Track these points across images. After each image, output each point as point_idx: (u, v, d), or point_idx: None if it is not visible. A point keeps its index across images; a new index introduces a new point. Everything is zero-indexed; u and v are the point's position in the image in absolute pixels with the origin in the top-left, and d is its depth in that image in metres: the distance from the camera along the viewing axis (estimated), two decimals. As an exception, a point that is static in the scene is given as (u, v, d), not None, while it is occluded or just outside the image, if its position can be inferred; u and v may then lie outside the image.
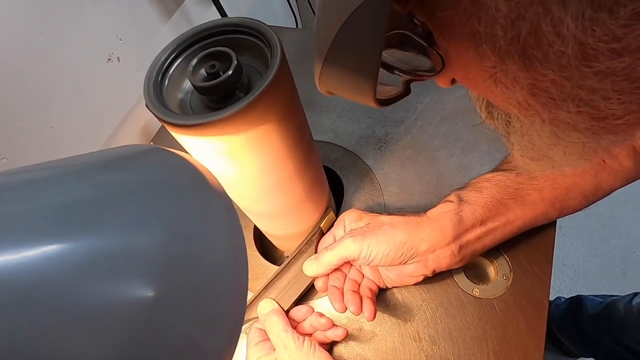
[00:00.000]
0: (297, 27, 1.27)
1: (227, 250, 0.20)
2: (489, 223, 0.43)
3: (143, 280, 0.16)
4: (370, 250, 0.41)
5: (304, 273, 0.45)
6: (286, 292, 0.46)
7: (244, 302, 0.21)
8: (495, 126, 0.28)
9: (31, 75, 0.53)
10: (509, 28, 0.17)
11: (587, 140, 0.22)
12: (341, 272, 0.46)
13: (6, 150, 0.51)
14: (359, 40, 0.20)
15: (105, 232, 0.16)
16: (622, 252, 1.32)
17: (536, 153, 0.26)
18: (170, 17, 0.75)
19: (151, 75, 0.31)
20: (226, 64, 0.29)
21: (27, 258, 0.14)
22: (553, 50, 0.16)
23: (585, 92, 0.17)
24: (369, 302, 0.42)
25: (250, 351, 0.44)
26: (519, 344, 0.43)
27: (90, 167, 0.19)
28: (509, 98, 0.20)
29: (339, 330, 0.43)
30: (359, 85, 0.23)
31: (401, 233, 0.42)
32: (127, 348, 0.15)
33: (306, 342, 0.41)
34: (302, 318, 0.45)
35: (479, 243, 0.43)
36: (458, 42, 0.20)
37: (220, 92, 0.30)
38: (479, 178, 0.46)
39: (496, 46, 0.18)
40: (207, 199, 0.21)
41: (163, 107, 0.29)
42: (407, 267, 0.43)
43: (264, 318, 0.44)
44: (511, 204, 0.43)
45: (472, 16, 0.18)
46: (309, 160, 0.38)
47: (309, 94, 0.66)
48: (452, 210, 0.43)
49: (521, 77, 0.18)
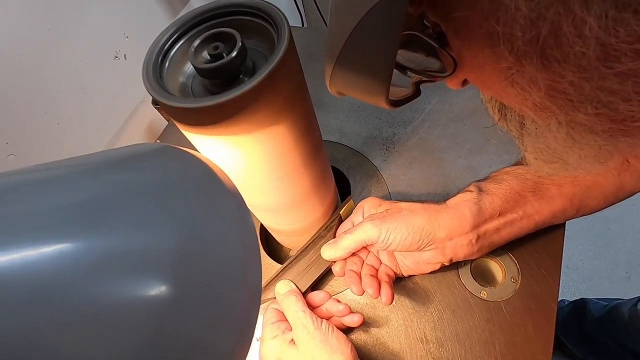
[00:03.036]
0: (303, 26, 1.26)
1: (240, 251, 0.20)
2: (508, 215, 0.43)
3: (156, 280, 0.16)
4: (388, 235, 0.42)
5: (322, 257, 0.46)
6: (303, 276, 0.46)
7: (256, 303, 0.21)
8: (508, 128, 0.27)
9: (38, 72, 0.53)
10: (529, 28, 0.16)
11: (604, 143, 0.21)
12: (359, 257, 0.46)
13: (13, 147, 0.51)
14: (374, 40, 0.20)
15: (118, 232, 0.16)
16: (626, 255, 1.31)
17: (550, 156, 0.25)
18: (177, 15, 0.75)
19: (150, 57, 0.29)
20: (230, 45, 0.28)
21: (40, 257, 0.14)
22: (573, 51, 0.16)
23: (604, 94, 0.17)
24: (386, 286, 0.42)
25: (266, 330, 0.44)
26: (527, 348, 0.43)
27: (103, 166, 0.19)
28: (524, 100, 0.20)
29: (356, 317, 0.43)
30: (371, 85, 0.23)
31: (420, 219, 0.42)
32: (141, 348, 0.15)
33: (324, 323, 0.41)
34: (319, 303, 0.45)
35: (497, 235, 0.43)
36: (473, 43, 0.20)
37: (223, 75, 0.28)
38: (499, 171, 0.46)
39: (514, 47, 0.17)
40: (220, 198, 0.21)
41: (162, 89, 0.27)
42: (424, 254, 0.43)
43: (282, 298, 0.44)
44: (530, 197, 0.43)
45: (490, 16, 0.17)
46: (316, 152, 0.38)
47: (316, 94, 0.66)
48: (471, 199, 0.43)
49: (539, 78, 0.18)
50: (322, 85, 0.25)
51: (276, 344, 0.42)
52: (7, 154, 0.51)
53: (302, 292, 0.45)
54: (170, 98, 0.27)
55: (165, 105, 0.27)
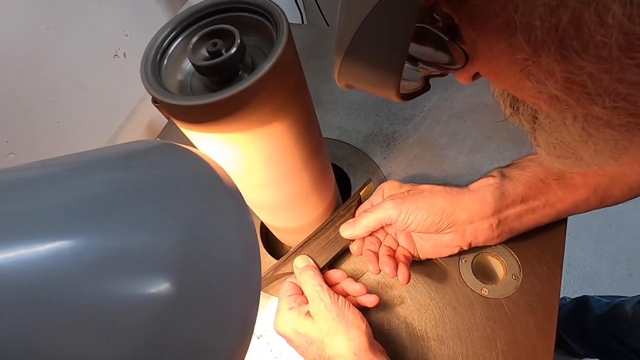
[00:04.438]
0: (303, 23, 1.26)
1: (240, 251, 0.20)
2: (530, 202, 0.42)
3: (156, 279, 0.15)
4: (408, 215, 0.41)
5: (340, 236, 0.46)
6: (321, 253, 0.46)
7: (255, 303, 0.21)
8: (520, 122, 0.27)
9: (38, 71, 0.52)
10: (548, 17, 0.16)
11: (620, 138, 0.20)
12: (376, 238, 0.46)
13: (13, 146, 0.51)
14: (386, 30, 0.19)
15: (118, 230, 0.16)
16: (628, 252, 1.31)
17: (564, 151, 0.25)
18: (176, 13, 0.75)
19: (149, 55, 0.29)
20: (229, 42, 0.28)
21: (38, 255, 0.14)
22: (594, 40, 0.15)
23: (624, 86, 0.16)
24: (403, 266, 0.42)
25: (282, 302, 0.44)
26: (529, 345, 0.43)
27: (102, 164, 0.19)
28: (539, 92, 0.19)
29: (372, 297, 0.43)
30: (382, 78, 0.22)
31: (441, 200, 0.41)
32: (142, 348, 0.15)
33: (341, 299, 0.41)
34: (336, 282, 0.45)
35: (518, 221, 0.43)
36: (489, 34, 0.19)
37: (222, 72, 0.28)
38: (523, 158, 0.46)
39: (531, 37, 0.17)
40: (220, 196, 0.21)
41: (161, 87, 0.27)
42: (444, 237, 0.43)
43: (300, 272, 0.44)
44: (553, 184, 0.42)
45: (507, 4, 0.17)
46: (317, 150, 0.37)
47: (315, 92, 0.66)
48: (493, 184, 0.42)
49: (556, 69, 0.17)
50: (322, 82, 0.25)
51: (292, 315, 0.42)
52: (7, 153, 0.51)
53: (320, 268, 0.45)
54: (169, 96, 0.26)
55: (164, 103, 0.27)
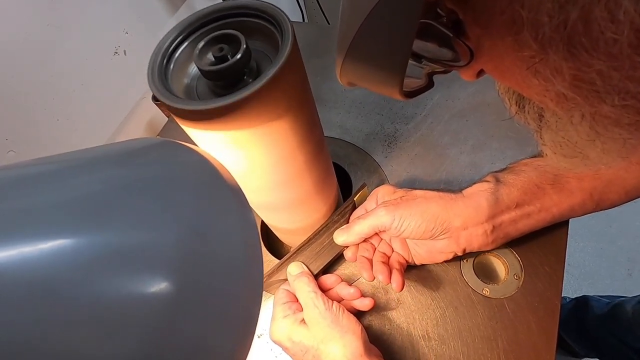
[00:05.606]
0: (304, 21, 1.26)
1: (242, 249, 0.20)
2: (525, 207, 0.42)
3: (158, 276, 0.15)
4: (402, 221, 0.41)
5: (334, 242, 0.46)
6: (315, 259, 0.46)
7: (258, 302, 0.21)
8: (526, 121, 0.26)
9: (38, 68, 0.52)
10: (557, 13, 0.15)
11: (628, 137, 0.20)
12: (371, 244, 0.46)
13: (13, 143, 0.51)
14: (389, 27, 0.19)
15: (119, 228, 0.15)
16: (628, 252, 1.31)
17: (570, 150, 0.24)
18: (177, 11, 0.74)
19: (156, 59, 0.29)
20: (235, 47, 0.28)
21: (39, 252, 0.14)
22: (604, 37, 0.15)
23: (634, 84, 0.16)
24: (397, 273, 0.42)
25: (277, 309, 0.44)
26: (530, 345, 0.42)
27: (103, 161, 0.18)
28: (546, 90, 0.19)
29: (366, 300, 0.43)
30: (385, 76, 0.22)
31: (435, 206, 0.41)
32: (144, 346, 0.15)
33: (335, 304, 0.41)
34: (330, 287, 0.45)
35: (513, 227, 0.42)
36: (494, 30, 0.18)
37: (227, 77, 0.28)
38: (518, 162, 0.45)
39: (539, 33, 0.16)
40: (222, 194, 0.20)
41: (167, 91, 0.28)
42: (438, 243, 0.43)
43: (294, 279, 0.44)
44: (549, 189, 0.42)
45: (514, 0, 0.16)
46: (319, 151, 0.37)
47: (317, 90, 0.66)
48: (488, 189, 0.42)
49: (564, 67, 0.17)
50: (323, 81, 0.25)
51: (287, 323, 0.42)
52: (7, 150, 0.50)
53: (314, 275, 0.45)
54: (176, 100, 0.27)
55: (172, 108, 0.27)
